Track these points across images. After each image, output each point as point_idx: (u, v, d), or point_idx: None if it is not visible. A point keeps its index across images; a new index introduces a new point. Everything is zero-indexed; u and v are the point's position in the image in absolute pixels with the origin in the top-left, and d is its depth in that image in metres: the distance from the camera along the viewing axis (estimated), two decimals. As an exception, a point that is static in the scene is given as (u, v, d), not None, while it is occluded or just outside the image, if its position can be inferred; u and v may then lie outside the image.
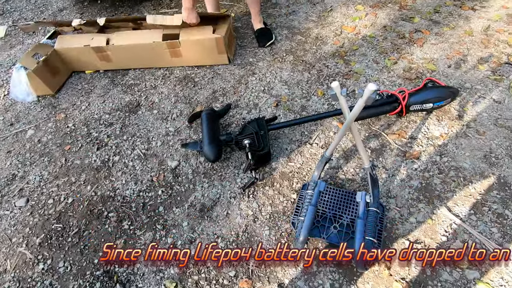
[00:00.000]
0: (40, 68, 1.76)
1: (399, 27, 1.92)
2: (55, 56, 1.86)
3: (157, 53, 1.80)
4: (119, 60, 1.89)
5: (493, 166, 1.21)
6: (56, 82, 1.91)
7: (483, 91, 1.47)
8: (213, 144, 1.30)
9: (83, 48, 1.81)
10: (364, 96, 0.73)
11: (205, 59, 1.83)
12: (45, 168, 1.52)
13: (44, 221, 1.31)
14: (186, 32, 1.72)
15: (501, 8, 1.91)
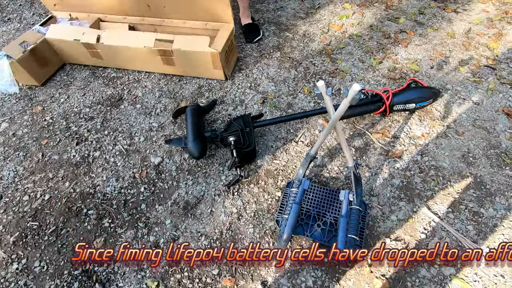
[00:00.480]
0: (26, 58, 1.65)
1: (385, 26, 1.95)
2: (44, 46, 1.74)
3: (149, 58, 1.67)
4: (110, 59, 1.77)
5: (471, 166, 1.25)
6: (44, 73, 1.80)
7: (463, 93, 1.51)
8: (197, 140, 1.28)
9: (73, 42, 1.70)
10: (349, 96, 0.73)
11: (200, 71, 1.69)
12: (20, 163, 1.45)
13: (18, 218, 1.26)
14: (181, 40, 1.57)
15: (482, 12, 1.96)
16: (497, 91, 1.50)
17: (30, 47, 1.67)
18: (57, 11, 1.94)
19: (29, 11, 2.52)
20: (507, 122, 1.37)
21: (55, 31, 1.74)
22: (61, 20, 1.92)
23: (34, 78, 1.73)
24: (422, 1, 2.12)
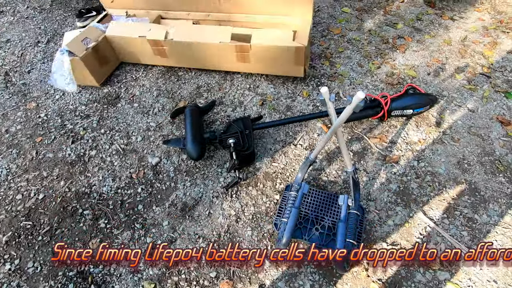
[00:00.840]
0: (88, 56, 1.54)
1: (383, 31, 1.97)
2: (105, 44, 1.64)
3: (222, 54, 1.55)
4: (176, 57, 1.67)
5: (466, 172, 1.27)
6: (103, 73, 1.69)
7: (459, 100, 1.54)
8: (196, 142, 1.27)
9: (137, 39, 1.59)
10: (353, 103, 0.74)
11: (276, 68, 1.58)
12: (13, 160, 1.42)
13: (11, 218, 1.23)
14: (260, 35, 1.46)
15: (477, 20, 2.00)
16: (491, 99, 1.53)
17: (92, 44, 1.56)
18: (112, 8, 1.86)
19: (23, 4, 2.47)
20: (501, 130, 1.40)
21: (115, 28, 1.64)
22: (117, 17, 1.83)
23: (95, 78, 1.62)
24: (420, 7, 2.15)
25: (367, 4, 2.20)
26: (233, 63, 1.59)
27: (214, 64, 1.66)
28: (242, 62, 1.57)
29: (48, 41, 2.09)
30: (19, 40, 2.11)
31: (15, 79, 1.82)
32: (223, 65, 1.65)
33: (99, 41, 1.59)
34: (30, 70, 1.87)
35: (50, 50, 2.01)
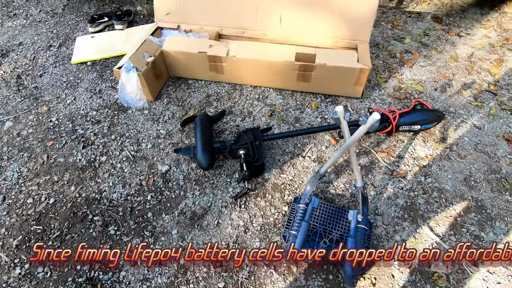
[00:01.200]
0: (148, 70, 1.54)
1: (391, 46, 2.00)
2: (161, 58, 1.65)
3: (283, 73, 1.56)
4: (233, 74, 1.66)
5: (472, 190, 1.28)
6: (157, 87, 1.67)
7: (465, 116, 1.56)
8: (207, 151, 1.29)
9: (196, 54, 1.59)
10: (368, 123, 0.76)
11: (336, 88, 1.60)
12: (25, 164, 1.44)
13: (22, 222, 1.24)
14: (324, 55, 1.49)
15: (484, 37, 2.03)
16: (498, 117, 1.55)
17: (151, 59, 1.56)
18: (163, 21, 1.87)
19: (36, 8, 2.51)
20: (507, 148, 1.42)
21: (173, 43, 1.64)
22: (167, 31, 1.84)
23: (151, 92, 1.61)
24: (427, 23, 2.18)
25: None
26: (293, 82, 1.61)
27: (271, 82, 1.68)
28: (302, 81, 1.59)
29: (60, 45, 2.12)
30: (31, 43, 2.14)
31: (27, 83, 1.85)
32: (281, 84, 1.67)
33: (156, 55, 1.59)
34: (42, 74, 1.90)
35: (62, 54, 2.04)
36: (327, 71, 1.51)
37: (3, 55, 2.05)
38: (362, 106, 1.62)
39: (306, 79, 1.59)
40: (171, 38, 1.70)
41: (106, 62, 1.96)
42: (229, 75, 1.70)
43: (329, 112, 1.60)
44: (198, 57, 1.62)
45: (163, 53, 1.66)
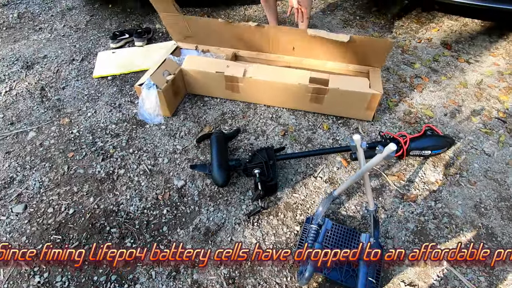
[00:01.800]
0: (167, 88, 1.62)
1: (401, 70, 2.05)
2: (180, 76, 1.73)
3: (297, 95, 1.64)
4: (248, 93, 1.74)
5: (482, 217, 1.30)
6: (174, 104, 1.74)
7: (475, 142, 1.59)
8: (222, 168, 1.34)
9: (214, 74, 1.67)
10: (384, 153, 0.80)
11: (347, 111, 1.67)
12: (46, 174, 1.50)
13: (42, 230, 1.29)
14: (337, 79, 1.57)
15: (492, 65, 2.08)
16: (507, 144, 1.58)
17: (170, 77, 1.65)
18: (182, 42, 1.97)
19: (61, 23, 2.64)
20: (517, 176, 1.44)
21: (192, 62, 1.73)
22: (186, 50, 1.94)
23: (168, 108, 1.68)
24: (436, 48, 2.24)
25: (385, 42, 2.30)
26: (305, 103, 1.68)
27: (284, 102, 1.75)
28: (315, 103, 1.66)
29: (82, 59, 2.22)
30: (55, 56, 2.25)
31: (50, 94, 1.93)
32: (293, 104, 1.74)
33: (176, 73, 1.67)
34: (65, 87, 1.99)
35: (83, 68, 2.14)
36: (340, 95, 1.57)
37: (28, 67, 2.15)
38: (373, 129, 1.66)
39: (319, 101, 1.65)
40: (190, 58, 1.78)
41: (126, 77, 2.05)
42: (244, 95, 1.77)
43: (341, 133, 1.65)
44: (215, 76, 1.69)
45: (182, 71, 1.74)
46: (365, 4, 2.75)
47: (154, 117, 1.67)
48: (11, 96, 1.93)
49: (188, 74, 1.74)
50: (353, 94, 1.56)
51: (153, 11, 2.73)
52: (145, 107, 1.64)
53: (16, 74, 2.10)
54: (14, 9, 2.86)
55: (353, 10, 2.67)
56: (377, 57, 1.68)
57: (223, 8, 2.73)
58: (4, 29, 2.57)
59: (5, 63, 2.20)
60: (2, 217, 1.33)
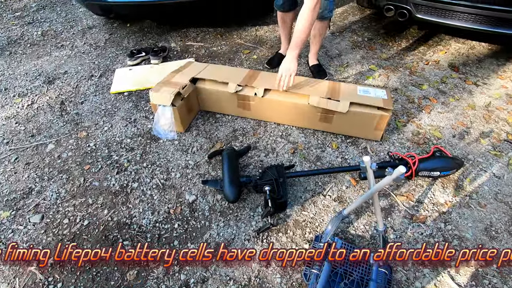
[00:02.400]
0: (182, 105, 1.69)
1: (409, 91, 2.09)
2: (194, 94, 1.80)
3: (306, 114, 1.69)
4: (259, 111, 1.80)
5: (493, 240, 1.29)
6: (188, 121, 1.82)
7: (484, 165, 1.60)
8: (233, 185, 1.37)
9: (227, 93, 1.73)
10: (393, 175, 0.82)
11: (356, 130, 1.70)
12: (63, 185, 1.55)
13: (58, 241, 1.32)
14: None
15: (501, 87, 2.11)
16: (517, 167, 1.58)
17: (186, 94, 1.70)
18: None
19: (81, 41, 2.77)
20: (528, 200, 1.43)
21: (205, 82, 1.80)
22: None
23: (182, 125, 1.75)
24: (444, 70, 2.28)
25: (393, 63, 2.36)
26: (315, 122, 1.73)
27: (294, 121, 1.79)
28: (324, 122, 1.71)
29: (101, 75, 2.32)
30: (75, 72, 2.36)
31: (69, 109, 2.02)
32: (303, 123, 1.78)
33: (190, 92, 1.74)
34: (83, 101, 2.08)
35: (102, 84, 2.23)
36: (348, 115, 1.61)
37: (50, 82, 2.26)
38: (381, 149, 1.69)
39: (328, 121, 1.69)
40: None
41: (141, 93, 2.13)
42: (255, 113, 1.82)
43: (349, 153, 1.67)
44: (228, 95, 1.75)
45: (197, 90, 1.81)
46: (373, 26, 2.83)
47: (168, 133, 1.73)
48: (32, 110, 2.02)
49: (203, 92, 1.82)
50: (362, 115, 1.60)
51: (169, 30, 2.86)
52: (160, 123, 1.70)
53: (38, 89, 2.20)
54: (39, 27, 3.02)
55: (362, 32, 2.76)
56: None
57: (235, 28, 2.84)
58: (28, 46, 2.72)
59: (28, 78, 2.31)
60: (19, 227, 1.38)
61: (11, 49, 2.68)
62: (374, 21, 2.91)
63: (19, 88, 2.21)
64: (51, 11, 3.31)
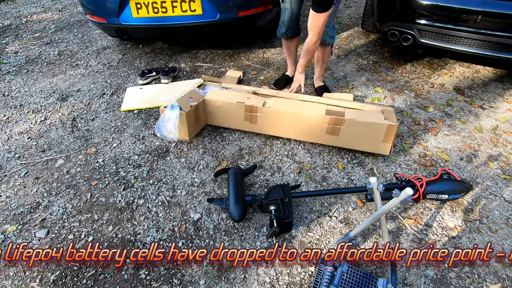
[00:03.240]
0: (190, 112, 1.74)
1: (414, 113, 2.10)
2: (202, 105, 1.84)
3: (313, 125, 1.69)
4: (265, 124, 1.80)
5: (506, 268, 1.25)
6: (194, 130, 1.86)
7: (494, 189, 1.57)
8: (239, 204, 1.36)
9: (234, 104, 1.77)
10: (400, 197, 0.82)
11: (363, 144, 1.69)
12: (70, 200, 1.56)
13: (61, 256, 1.32)
14: (353, 112, 1.65)
15: (507, 111, 2.10)
16: (528, 192, 1.55)
17: (194, 103, 1.77)
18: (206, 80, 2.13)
19: (95, 60, 2.89)
20: (541, 226, 1.39)
21: (215, 93, 1.87)
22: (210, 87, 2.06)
23: (188, 133, 1.78)
24: (449, 93, 2.30)
25: (398, 86, 2.39)
26: (321, 135, 1.72)
27: (300, 135, 1.80)
28: (331, 134, 1.70)
29: (112, 93, 2.39)
30: (88, 90, 2.44)
31: (80, 125, 2.07)
32: (310, 136, 1.79)
33: (199, 102, 1.80)
34: (94, 118, 2.13)
35: (113, 101, 2.30)
36: (356, 125, 1.61)
37: (63, 99, 2.34)
38: (388, 170, 1.68)
39: (335, 133, 1.68)
40: (212, 90, 1.92)
41: (151, 111, 2.18)
42: (262, 126, 1.83)
43: (356, 173, 1.67)
44: (235, 106, 1.78)
45: (205, 101, 1.85)
46: (378, 50, 2.90)
47: (169, 133, 1.76)
48: (45, 125, 2.08)
49: (210, 104, 1.85)
50: (370, 125, 1.60)
51: (179, 51, 2.97)
52: (164, 123, 1.74)
53: (52, 105, 2.28)
54: (56, 47, 3.17)
55: (367, 55, 2.82)
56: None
57: (243, 50, 2.93)
58: (45, 65, 2.84)
59: (43, 95, 2.40)
60: (25, 241, 1.38)
61: (28, 67, 2.79)
62: (379, 45, 2.98)
63: (34, 105, 2.29)
64: (68, 33, 3.47)
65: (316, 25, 1.65)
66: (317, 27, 1.66)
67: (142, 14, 2.34)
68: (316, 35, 1.70)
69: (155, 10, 2.31)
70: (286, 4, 1.91)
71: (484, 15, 1.93)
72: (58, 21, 3.79)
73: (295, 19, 1.99)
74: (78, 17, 3.89)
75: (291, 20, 1.98)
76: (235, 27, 2.54)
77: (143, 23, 2.40)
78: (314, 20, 1.65)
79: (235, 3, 2.32)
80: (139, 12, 2.33)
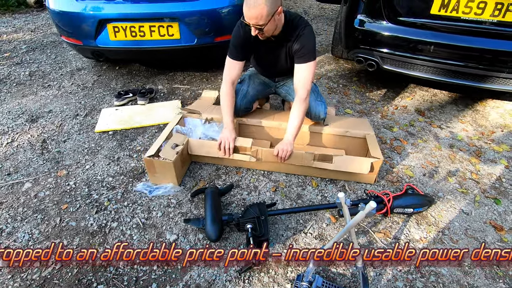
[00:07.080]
0: (177, 159, 1.65)
1: (381, 133, 2.25)
2: (186, 145, 1.77)
3: (301, 162, 1.73)
4: (253, 165, 1.85)
5: (467, 275, 1.34)
6: (182, 173, 1.79)
7: (453, 202, 1.70)
8: (216, 223, 1.37)
9: (220, 158, 1.77)
10: (365, 210, 0.88)
11: (350, 176, 1.77)
12: (37, 226, 1.49)
13: (25, 287, 1.24)
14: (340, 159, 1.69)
15: (462, 130, 2.32)
16: (483, 204, 1.69)
17: (179, 148, 1.68)
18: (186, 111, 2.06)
19: (69, 81, 2.85)
20: (495, 235, 1.52)
21: (197, 146, 1.79)
22: (190, 119, 1.99)
23: (177, 178, 1.69)
24: (411, 115, 2.50)
25: (366, 107, 2.56)
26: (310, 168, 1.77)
27: (289, 169, 1.83)
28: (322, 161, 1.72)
29: (86, 115, 2.36)
30: (60, 111, 2.39)
31: (51, 147, 2.01)
32: (298, 170, 1.82)
33: (184, 145, 1.72)
34: (66, 140, 2.08)
35: (86, 123, 2.26)
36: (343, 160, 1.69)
37: (33, 121, 2.27)
38: (358, 187, 1.77)
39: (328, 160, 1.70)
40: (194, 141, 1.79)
41: (126, 132, 2.17)
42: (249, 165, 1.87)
43: (329, 191, 1.74)
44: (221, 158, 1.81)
45: (189, 142, 1.78)
46: (347, 74, 3.11)
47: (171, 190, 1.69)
48: (12, 148, 1.99)
49: (196, 145, 1.78)
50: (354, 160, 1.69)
51: (157, 73, 3.00)
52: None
53: (20, 127, 2.20)
54: (27, 67, 3.09)
55: (337, 79, 3.01)
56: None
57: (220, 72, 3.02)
58: (14, 85, 2.75)
59: (11, 116, 2.31)
60: (-16, 272, 1.29)
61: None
62: (347, 70, 3.20)
63: (0, 126, 2.19)
64: (41, 53, 3.41)
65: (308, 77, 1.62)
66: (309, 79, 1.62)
67: (119, 38, 2.37)
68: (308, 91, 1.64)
69: (132, 34, 2.36)
70: (243, 85, 1.91)
71: (436, 46, 2.17)
72: (30, 42, 3.72)
73: (249, 101, 1.94)
74: (52, 38, 3.85)
75: (245, 100, 1.90)
76: (212, 51, 2.64)
77: (121, 46, 2.43)
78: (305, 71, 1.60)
79: (212, 29, 2.44)
80: (117, 36, 2.36)
